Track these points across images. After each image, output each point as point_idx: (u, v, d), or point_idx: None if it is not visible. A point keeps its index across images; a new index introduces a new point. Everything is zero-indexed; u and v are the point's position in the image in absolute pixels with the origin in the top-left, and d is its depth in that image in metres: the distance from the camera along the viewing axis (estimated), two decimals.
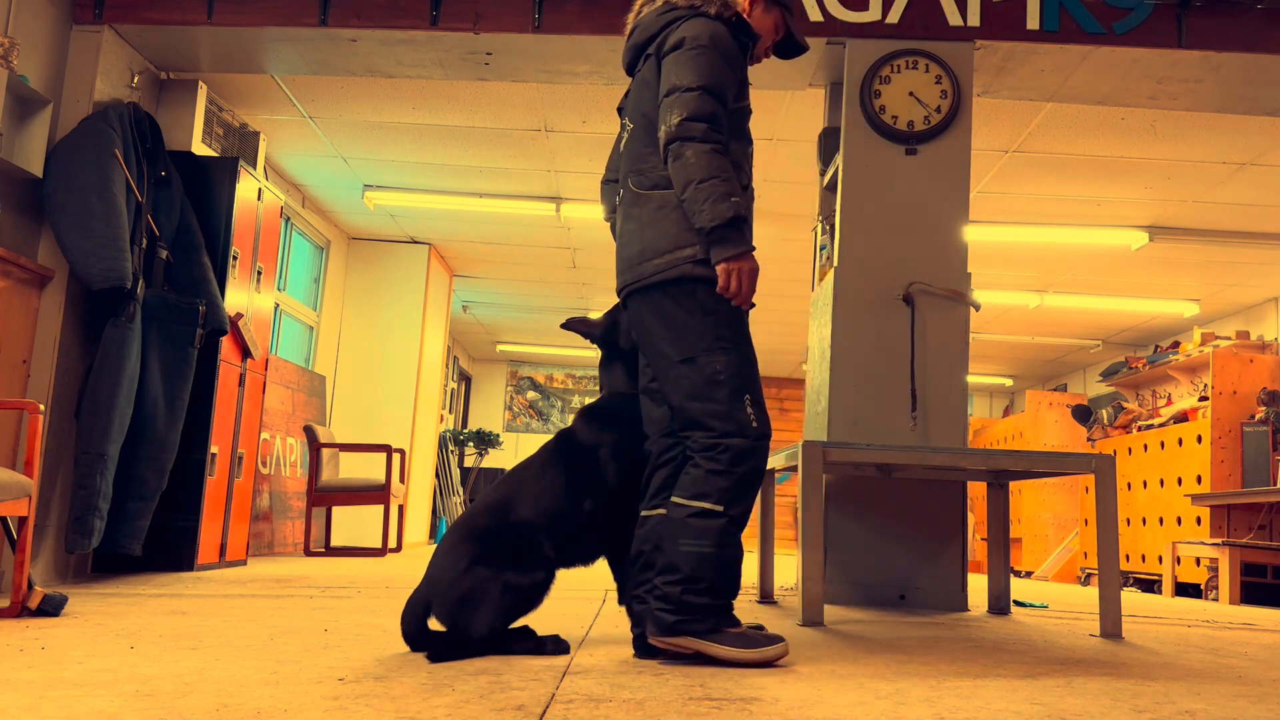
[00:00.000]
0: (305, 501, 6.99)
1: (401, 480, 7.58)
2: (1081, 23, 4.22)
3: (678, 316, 2.33)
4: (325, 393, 7.91)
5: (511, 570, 2.30)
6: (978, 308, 4.18)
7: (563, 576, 3.47)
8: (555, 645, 2.33)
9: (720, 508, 2.25)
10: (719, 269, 2.30)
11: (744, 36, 2.49)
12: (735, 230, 2.29)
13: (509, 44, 4.43)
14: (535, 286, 9.81)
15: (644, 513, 2.45)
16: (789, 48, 2.66)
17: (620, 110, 2.63)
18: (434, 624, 2.35)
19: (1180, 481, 7.37)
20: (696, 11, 2.45)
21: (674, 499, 2.30)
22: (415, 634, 2.32)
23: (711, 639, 2.22)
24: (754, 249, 2.35)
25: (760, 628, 2.45)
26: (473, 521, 2.39)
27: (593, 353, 13.08)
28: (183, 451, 4.55)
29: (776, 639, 2.26)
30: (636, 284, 2.39)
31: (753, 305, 2.40)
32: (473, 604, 2.27)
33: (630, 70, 2.60)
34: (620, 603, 2.46)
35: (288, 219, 7.26)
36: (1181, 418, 7.70)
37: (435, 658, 2.21)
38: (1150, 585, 7.64)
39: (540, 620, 3.01)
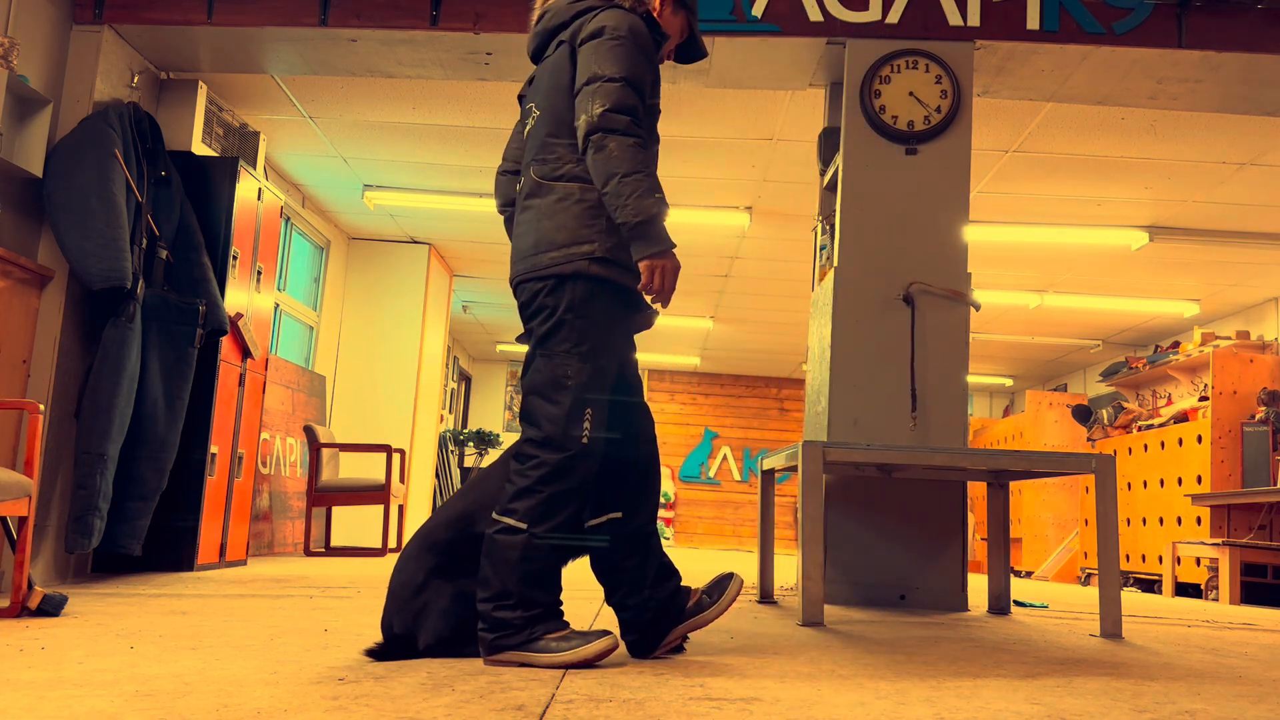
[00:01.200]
0: (305, 501, 6.99)
1: (401, 480, 7.58)
2: (1081, 23, 4.22)
3: (555, 309, 2.27)
4: (325, 393, 7.91)
5: (465, 580, 2.30)
6: (978, 308, 4.18)
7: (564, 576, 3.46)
8: None
9: (524, 525, 2.22)
10: (642, 265, 2.25)
11: (656, 34, 2.45)
12: (658, 227, 2.23)
13: (509, 44, 4.43)
14: None
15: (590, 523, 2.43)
16: (690, 51, 2.64)
17: (521, 98, 2.57)
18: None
19: (1180, 481, 7.37)
20: (611, 3, 2.40)
21: (493, 511, 2.28)
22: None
23: (529, 650, 2.18)
24: (675, 246, 2.29)
25: (725, 580, 2.46)
26: (434, 534, 2.39)
27: None
28: (183, 451, 4.55)
29: (600, 635, 2.20)
30: (529, 275, 2.31)
31: (661, 310, 2.38)
32: (424, 614, 2.29)
33: (537, 57, 2.55)
34: (608, 603, 2.47)
35: (288, 219, 7.26)
36: (1181, 418, 7.70)
37: (374, 655, 2.25)
38: (1150, 585, 7.64)
39: None
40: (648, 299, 2.35)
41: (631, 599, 2.39)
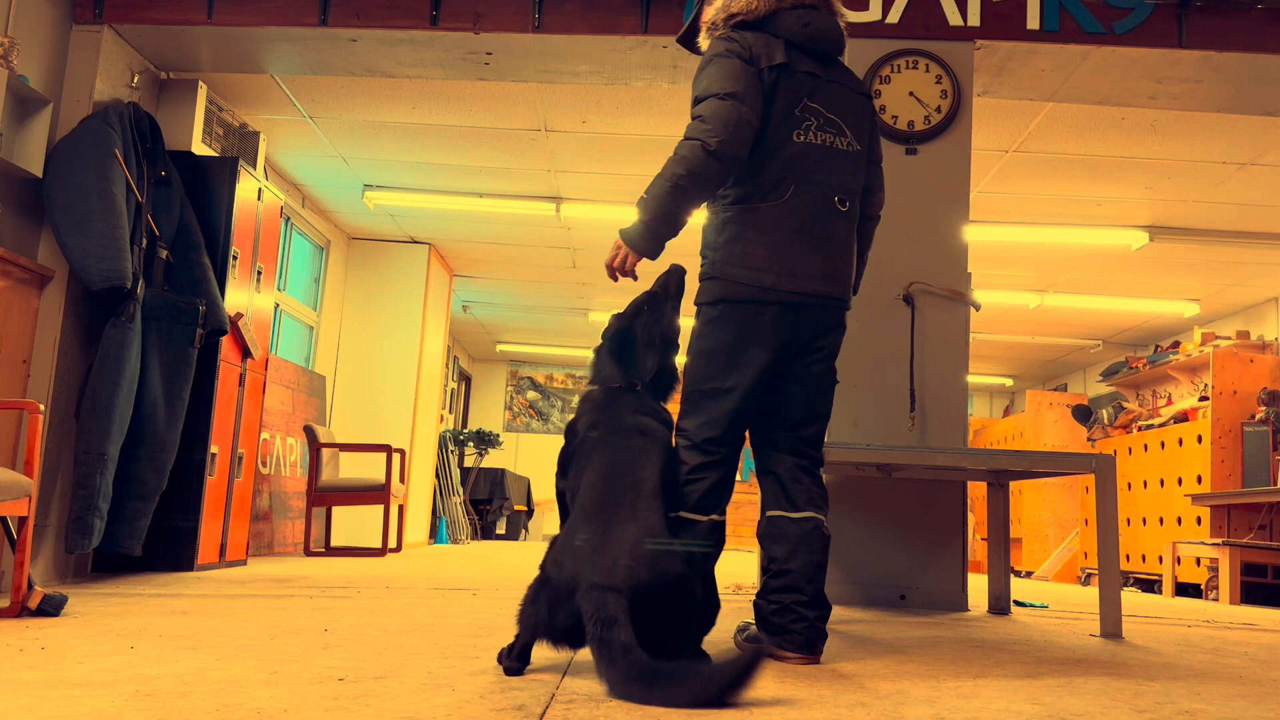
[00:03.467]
0: (305, 501, 6.99)
1: (401, 480, 7.58)
2: (1082, 23, 4.22)
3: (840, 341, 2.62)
4: (325, 393, 7.91)
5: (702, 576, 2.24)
6: (978, 308, 4.18)
7: None
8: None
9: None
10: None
11: None
12: None
13: (509, 44, 4.43)
14: (535, 286, 9.81)
15: (689, 516, 2.38)
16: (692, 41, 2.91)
17: (785, 70, 2.44)
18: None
19: (1180, 481, 7.37)
20: None
21: (816, 514, 2.45)
22: (569, 629, 1.93)
23: None
24: None
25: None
26: (653, 511, 2.10)
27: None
28: (183, 451, 4.54)
29: None
30: (843, 302, 2.56)
31: None
32: (691, 613, 2.06)
33: (824, 56, 2.53)
34: None
35: (288, 219, 7.26)
36: (1182, 418, 7.70)
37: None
38: (1150, 585, 7.64)
39: None
40: None
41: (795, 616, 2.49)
